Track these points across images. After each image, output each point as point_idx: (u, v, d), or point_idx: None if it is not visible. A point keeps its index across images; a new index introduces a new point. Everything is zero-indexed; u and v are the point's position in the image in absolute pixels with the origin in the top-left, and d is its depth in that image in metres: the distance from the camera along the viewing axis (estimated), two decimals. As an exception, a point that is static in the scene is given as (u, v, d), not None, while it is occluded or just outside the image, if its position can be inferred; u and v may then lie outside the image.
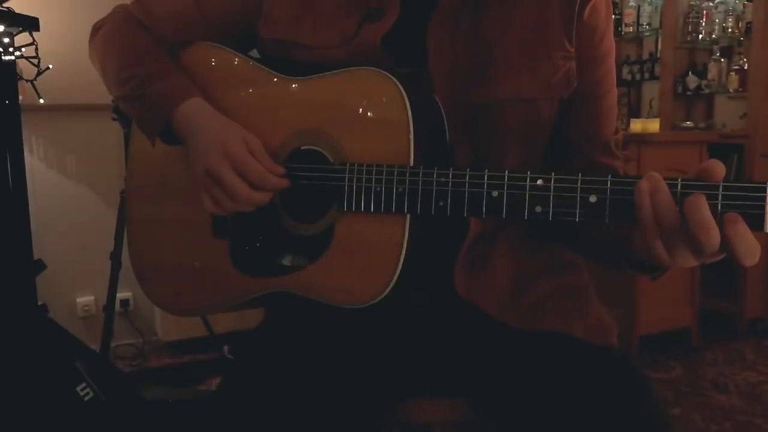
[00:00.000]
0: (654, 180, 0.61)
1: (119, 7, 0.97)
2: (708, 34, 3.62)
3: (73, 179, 3.01)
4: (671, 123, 3.78)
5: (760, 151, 3.36)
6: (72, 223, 3.00)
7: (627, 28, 4.07)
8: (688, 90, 3.73)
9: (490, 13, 0.83)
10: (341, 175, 0.78)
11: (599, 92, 0.88)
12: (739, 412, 2.44)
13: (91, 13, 2.37)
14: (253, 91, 0.88)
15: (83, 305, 3.14)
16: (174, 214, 0.93)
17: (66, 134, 2.95)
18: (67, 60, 2.89)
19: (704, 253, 0.60)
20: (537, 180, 0.67)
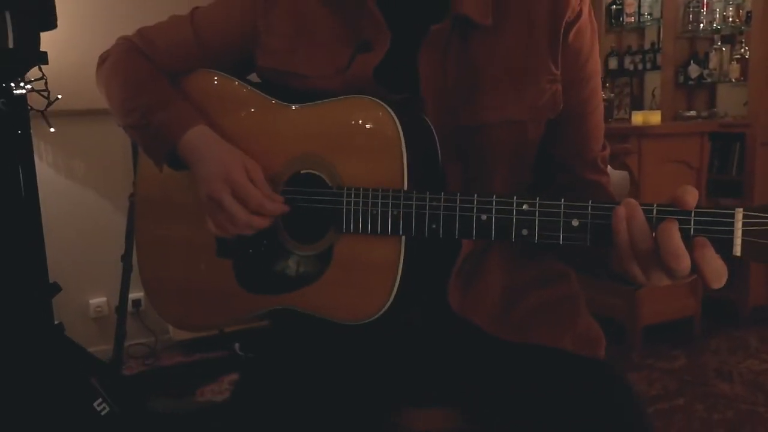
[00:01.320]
0: (630, 206, 0.65)
1: (122, 39, 1.01)
2: (709, 23, 3.63)
3: (81, 184, 3.07)
4: (673, 113, 3.79)
5: (761, 140, 3.38)
6: (82, 226, 3.06)
7: (628, 18, 4.08)
8: (690, 80, 3.74)
9: (478, 40, 0.86)
10: (339, 198, 0.82)
11: (585, 111, 0.91)
12: (742, 401, 2.47)
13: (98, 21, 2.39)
14: (253, 117, 0.92)
15: (96, 306, 3.21)
16: (180, 233, 0.98)
17: (74, 139, 3.00)
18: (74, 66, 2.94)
19: (676, 277, 0.64)
20: (523, 205, 0.71)
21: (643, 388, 2.58)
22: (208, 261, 0.94)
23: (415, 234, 0.77)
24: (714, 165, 3.60)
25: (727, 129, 3.45)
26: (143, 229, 1.04)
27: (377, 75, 0.87)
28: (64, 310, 2.92)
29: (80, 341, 3.17)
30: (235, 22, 0.96)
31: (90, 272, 3.11)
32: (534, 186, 0.96)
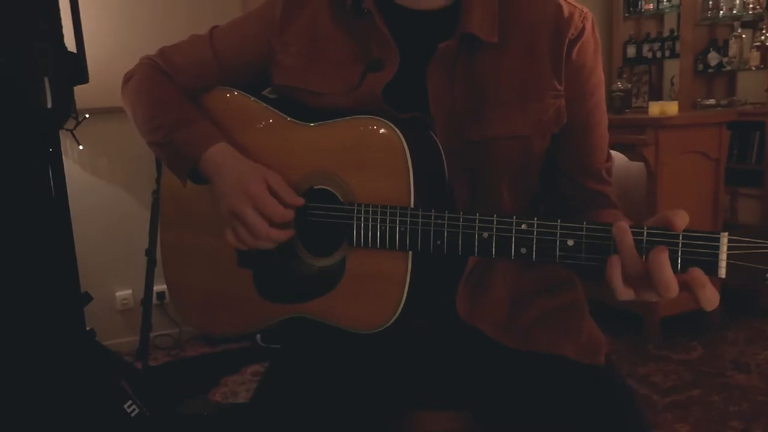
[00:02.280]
0: (621, 230, 0.69)
1: (145, 59, 1.06)
2: (728, 9, 3.58)
3: (106, 180, 3.15)
4: (692, 101, 3.77)
5: (782, 128, 3.35)
6: (107, 221, 3.14)
7: (647, 5, 4.04)
8: (709, 67, 3.71)
9: (484, 58, 0.90)
10: (350, 214, 0.87)
11: (589, 124, 0.94)
12: (759, 393, 2.48)
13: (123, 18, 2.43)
14: (270, 134, 0.96)
15: (122, 299, 3.31)
16: (203, 244, 1.03)
17: (98, 137, 3.08)
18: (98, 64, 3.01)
19: (665, 299, 0.67)
20: (522, 224, 0.75)
21: (659, 380, 2.61)
22: (229, 270, 1.00)
23: (421, 249, 0.82)
24: (733, 154, 3.58)
25: (745, 118, 3.42)
26: (167, 238, 1.10)
27: (387, 92, 0.91)
28: (91, 303, 3.02)
29: (107, 333, 3.29)
30: (252, 41, 1.01)
31: (115, 266, 3.20)
32: (540, 194, 1.00)
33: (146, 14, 3.11)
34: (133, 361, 3.16)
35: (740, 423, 2.27)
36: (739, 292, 3.45)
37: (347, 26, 0.94)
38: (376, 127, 0.85)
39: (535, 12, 0.91)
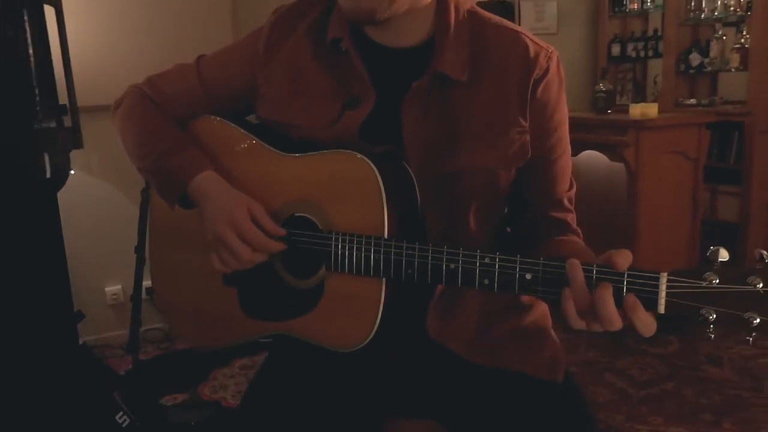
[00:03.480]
0: (573, 267, 0.75)
1: (133, 87, 1.11)
2: (711, 11, 3.65)
3: (96, 177, 3.18)
4: (674, 100, 3.84)
5: (760, 128, 3.43)
6: (97, 218, 3.18)
7: (632, 4, 4.10)
8: (691, 68, 3.78)
9: (456, 95, 0.96)
10: (328, 241, 0.93)
11: (552, 157, 1.01)
12: (730, 386, 2.57)
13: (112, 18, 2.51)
14: (254, 163, 1.02)
15: (111, 294, 3.36)
16: (191, 262, 1.09)
17: (88, 134, 3.10)
18: (87, 63, 3.04)
19: (609, 330, 0.74)
20: (485, 258, 0.82)
21: (635, 373, 2.69)
22: (215, 288, 1.06)
23: (393, 277, 0.88)
24: (713, 153, 3.66)
25: (724, 118, 3.50)
26: (157, 256, 1.16)
27: (364, 126, 0.96)
28: (81, 298, 3.07)
29: (98, 327, 3.35)
30: (237, 72, 1.06)
31: (105, 261, 3.24)
32: (508, 218, 1.07)
33: (135, 13, 3.13)
34: (123, 354, 3.23)
35: (711, 416, 2.36)
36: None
37: (327, 62, 1.00)
38: (354, 163, 0.91)
39: (503, 52, 0.97)
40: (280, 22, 1.04)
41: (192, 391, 2.67)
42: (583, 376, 2.64)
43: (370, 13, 0.91)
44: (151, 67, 3.53)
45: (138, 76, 3.29)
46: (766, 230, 3.58)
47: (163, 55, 3.13)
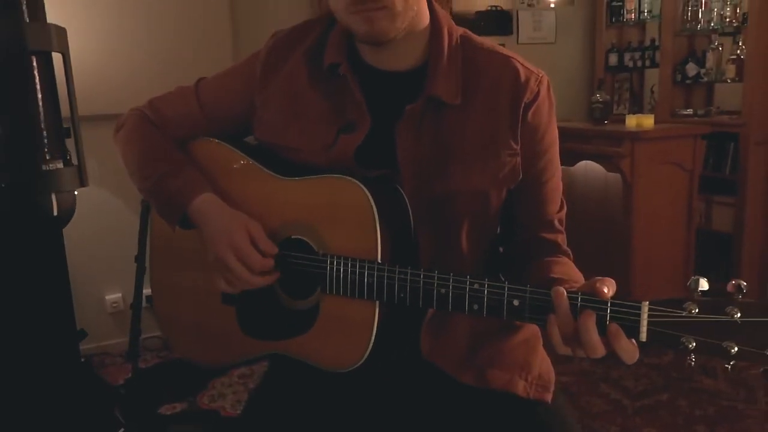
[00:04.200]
0: (558, 295, 0.78)
1: (134, 110, 1.14)
2: (707, 22, 3.67)
3: (97, 185, 3.20)
4: (671, 110, 3.87)
5: (755, 139, 3.45)
6: (98, 226, 3.20)
7: (629, 14, 4.13)
8: (687, 78, 3.81)
9: (448, 118, 0.98)
10: (323, 264, 0.95)
11: (543, 179, 1.03)
12: (724, 398, 2.59)
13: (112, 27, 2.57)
14: (251, 185, 1.05)
15: (112, 302, 3.38)
16: (190, 281, 1.12)
17: (88, 143, 3.12)
18: (88, 72, 3.07)
19: (592, 357, 0.77)
20: (474, 284, 0.84)
21: (630, 384, 2.72)
22: (214, 307, 1.08)
23: (386, 300, 0.91)
24: (709, 163, 3.69)
25: (720, 129, 3.53)
26: (157, 275, 1.19)
27: (359, 149, 0.99)
28: (82, 306, 3.09)
29: (98, 335, 3.37)
30: (235, 96, 1.09)
31: (105, 270, 3.27)
32: (501, 237, 1.09)
33: (134, 24, 3.16)
34: (123, 362, 3.25)
35: (705, 427, 2.38)
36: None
37: (323, 86, 1.02)
38: (348, 188, 0.93)
39: (495, 76, 0.99)
40: (278, 46, 1.07)
41: (191, 399, 2.70)
42: (577, 386, 2.66)
43: (383, 32, 0.93)
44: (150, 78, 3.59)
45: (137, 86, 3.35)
46: (760, 241, 3.60)
47: (162, 66, 3.19)
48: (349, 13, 0.93)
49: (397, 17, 0.92)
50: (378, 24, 0.92)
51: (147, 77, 3.18)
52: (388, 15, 0.91)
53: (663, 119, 3.76)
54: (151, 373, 3.06)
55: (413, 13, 0.95)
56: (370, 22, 0.92)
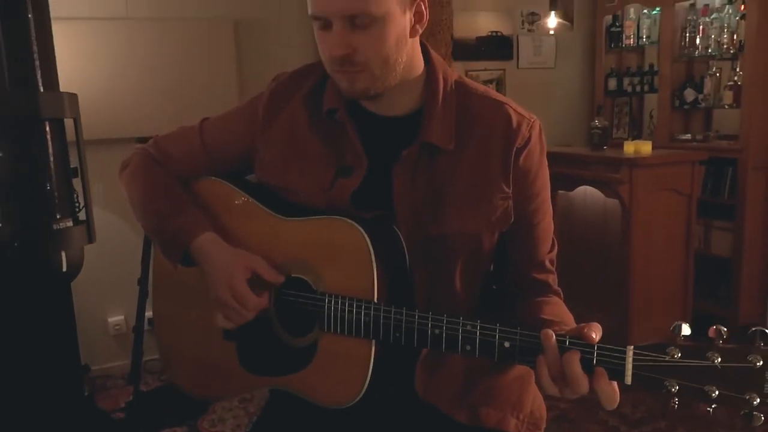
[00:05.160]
0: (547, 337, 0.81)
1: (139, 148, 1.18)
2: (704, 48, 3.72)
3: (101, 208, 3.25)
4: (670, 135, 3.90)
5: (753, 165, 3.49)
6: (102, 248, 3.20)
7: (627, 40, 4.18)
8: (685, 103, 3.85)
9: (443, 162, 1.02)
10: (321, 302, 0.98)
11: (534, 221, 1.06)
12: (720, 425, 2.59)
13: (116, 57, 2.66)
14: (251, 225, 1.08)
15: (114, 324, 3.41)
16: (192, 314, 1.15)
17: (94, 166, 3.17)
18: (94, 97, 3.13)
19: (579, 395, 0.80)
20: (467, 326, 0.87)
21: (628, 411, 2.72)
22: (215, 342, 1.11)
23: (382, 339, 0.94)
24: (707, 188, 3.71)
25: (717, 154, 3.56)
26: (160, 307, 1.22)
27: (356, 191, 1.02)
28: (85, 328, 3.12)
29: (100, 357, 3.39)
30: (237, 137, 1.12)
31: (108, 292, 3.30)
32: (494, 276, 1.12)
33: (141, 51, 3.22)
34: (124, 384, 3.27)
35: (702, 455, 2.39)
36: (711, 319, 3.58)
37: (322, 131, 1.06)
38: (346, 230, 0.97)
39: (488, 122, 1.03)
40: (279, 90, 1.10)
41: (191, 423, 2.71)
42: (576, 412, 2.67)
43: (364, 91, 0.98)
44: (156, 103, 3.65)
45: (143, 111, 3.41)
46: (759, 265, 3.62)
47: (168, 92, 3.24)
48: (332, 71, 0.98)
49: (376, 79, 0.96)
50: (358, 84, 0.97)
51: (153, 103, 3.24)
52: (367, 77, 0.96)
53: (662, 144, 3.79)
54: (152, 396, 3.08)
55: (397, 72, 0.98)
56: (350, 82, 0.97)
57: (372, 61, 0.95)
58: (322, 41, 0.97)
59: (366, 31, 0.93)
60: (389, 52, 0.95)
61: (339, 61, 0.95)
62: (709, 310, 3.67)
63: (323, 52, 0.97)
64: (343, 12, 0.91)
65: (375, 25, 0.93)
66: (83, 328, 2.95)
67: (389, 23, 0.94)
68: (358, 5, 0.91)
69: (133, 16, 3.26)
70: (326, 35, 0.95)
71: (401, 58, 0.98)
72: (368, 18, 0.92)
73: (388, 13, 0.93)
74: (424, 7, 0.99)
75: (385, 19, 0.93)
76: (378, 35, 0.93)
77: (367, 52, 0.94)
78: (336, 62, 0.95)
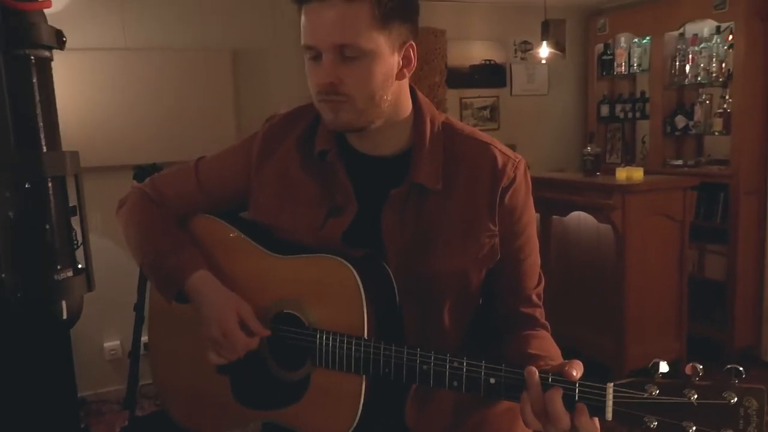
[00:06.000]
0: (530, 374, 0.84)
1: (136, 188, 1.21)
2: (694, 76, 3.78)
3: (99, 234, 3.27)
4: (662, 160, 3.95)
5: (744, 190, 3.53)
6: (98, 274, 3.23)
7: (619, 67, 4.25)
8: (676, 130, 3.90)
9: (431, 202, 1.05)
10: (313, 338, 1.01)
11: (520, 257, 1.09)
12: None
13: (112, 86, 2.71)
14: (246, 262, 1.11)
15: (110, 349, 3.42)
16: (187, 348, 1.17)
17: (92, 192, 3.21)
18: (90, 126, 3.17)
19: (561, 431, 0.82)
20: (454, 362, 0.90)
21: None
22: (210, 376, 1.13)
23: (372, 374, 0.96)
24: (700, 212, 3.75)
25: (708, 179, 3.61)
26: (155, 340, 1.24)
27: (347, 230, 1.05)
28: (81, 353, 3.13)
29: (95, 383, 3.39)
30: (232, 177, 1.16)
31: (105, 317, 3.31)
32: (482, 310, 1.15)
33: (138, 80, 3.27)
34: (120, 409, 3.26)
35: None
36: (707, 342, 3.60)
37: (314, 172, 1.09)
38: (336, 268, 1.00)
39: (474, 162, 1.06)
40: (273, 131, 1.14)
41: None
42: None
43: (348, 123, 1.01)
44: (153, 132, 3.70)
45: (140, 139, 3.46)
46: (752, 288, 3.65)
47: (162, 121, 3.29)
48: (318, 101, 1.02)
49: (360, 113, 1.00)
50: (342, 115, 1.00)
51: (151, 131, 3.28)
52: (351, 109, 0.99)
53: (654, 169, 3.84)
54: (147, 421, 3.08)
55: (382, 110, 1.02)
56: (335, 113, 1.00)
57: (357, 93, 0.98)
58: (311, 72, 1.00)
59: (354, 63, 0.97)
60: (375, 88, 0.99)
61: (325, 90, 0.98)
62: (704, 334, 3.69)
63: (311, 82, 1.01)
64: (334, 41, 0.95)
65: (363, 59, 0.96)
66: (79, 353, 2.96)
67: (377, 60, 0.97)
68: (348, 36, 0.95)
69: (132, 46, 3.32)
70: (316, 66, 0.99)
71: (387, 97, 1.01)
72: (357, 51, 0.96)
73: (377, 50, 0.97)
74: (412, 53, 1.03)
75: (373, 54, 0.97)
76: (365, 69, 0.97)
77: (353, 84, 0.98)
78: (322, 92, 0.99)
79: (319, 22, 0.95)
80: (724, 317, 3.67)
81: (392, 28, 0.97)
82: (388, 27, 0.97)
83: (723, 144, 3.81)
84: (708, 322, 3.76)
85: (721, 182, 3.60)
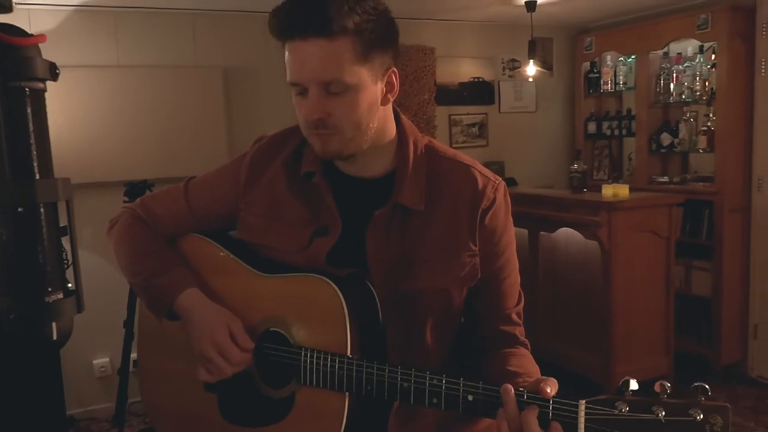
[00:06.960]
0: (506, 392, 0.87)
1: (127, 208, 1.23)
2: (678, 95, 3.85)
3: (89, 251, 3.29)
4: (648, 177, 4.01)
5: (729, 207, 3.59)
6: (88, 291, 3.23)
7: (605, 85, 4.32)
8: (662, 147, 3.96)
9: (413, 222, 1.08)
10: (297, 356, 1.04)
11: (501, 277, 1.13)
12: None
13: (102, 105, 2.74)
14: (234, 281, 1.14)
15: (99, 366, 3.41)
16: (175, 367, 1.19)
17: (81, 209, 3.22)
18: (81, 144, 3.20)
19: None
20: (433, 379, 0.93)
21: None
22: (197, 394, 1.15)
23: (355, 392, 0.99)
24: (686, 229, 3.80)
25: (694, 196, 3.66)
26: (144, 360, 1.26)
27: (332, 250, 1.08)
28: (70, 370, 3.13)
29: (85, 400, 3.38)
30: (221, 198, 1.18)
31: (94, 334, 3.30)
32: (465, 328, 1.18)
33: (130, 97, 3.31)
34: (109, 427, 3.26)
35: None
36: (694, 358, 3.64)
37: (300, 193, 1.12)
38: (321, 287, 1.03)
39: (456, 184, 1.10)
40: (260, 153, 1.17)
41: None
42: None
43: (337, 153, 1.05)
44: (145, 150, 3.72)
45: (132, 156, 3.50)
46: (738, 304, 3.69)
47: (154, 138, 3.32)
48: (308, 134, 1.05)
49: (349, 142, 1.03)
50: (331, 146, 1.03)
51: (143, 147, 3.31)
52: (340, 140, 1.03)
53: (641, 186, 3.90)
54: (136, 439, 3.06)
55: (369, 136, 1.05)
56: (324, 144, 1.04)
57: (345, 125, 1.02)
58: (299, 106, 1.04)
59: (339, 97, 1.00)
60: (361, 117, 1.02)
61: (314, 124, 1.02)
62: (691, 350, 3.72)
63: (300, 114, 1.04)
64: (318, 79, 0.98)
65: (348, 92, 1.00)
66: (68, 370, 2.96)
67: (361, 91, 1.01)
68: (331, 74, 0.98)
69: (125, 64, 3.36)
70: (303, 100, 1.02)
71: (373, 123, 1.05)
72: (341, 85, 0.99)
73: (360, 83, 1.00)
74: (395, 79, 1.06)
75: (357, 87, 1.00)
76: (351, 102, 1.01)
77: (341, 116, 1.01)
78: (311, 125, 1.02)
79: (302, 59, 0.98)
80: (711, 333, 3.71)
81: (374, 59, 1.01)
82: (370, 59, 1.00)
83: (708, 161, 3.87)
84: (695, 338, 3.80)
85: (707, 199, 3.66)
